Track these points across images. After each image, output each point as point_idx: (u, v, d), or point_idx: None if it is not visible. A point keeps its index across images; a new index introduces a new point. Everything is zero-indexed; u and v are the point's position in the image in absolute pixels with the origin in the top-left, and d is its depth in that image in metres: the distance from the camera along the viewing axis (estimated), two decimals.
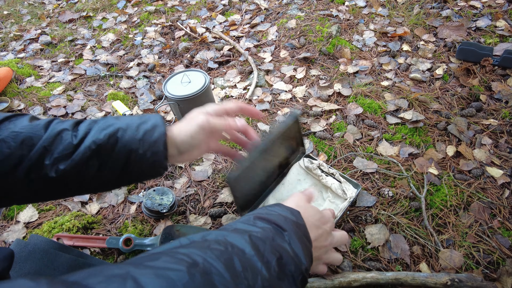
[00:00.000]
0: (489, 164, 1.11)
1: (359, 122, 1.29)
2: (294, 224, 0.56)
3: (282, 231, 0.53)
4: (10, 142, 0.56)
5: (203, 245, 0.43)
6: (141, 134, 0.59)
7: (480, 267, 0.89)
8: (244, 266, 0.41)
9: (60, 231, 1.01)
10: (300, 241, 0.54)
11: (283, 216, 0.57)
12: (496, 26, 1.60)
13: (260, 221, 0.54)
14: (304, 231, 0.57)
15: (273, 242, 0.49)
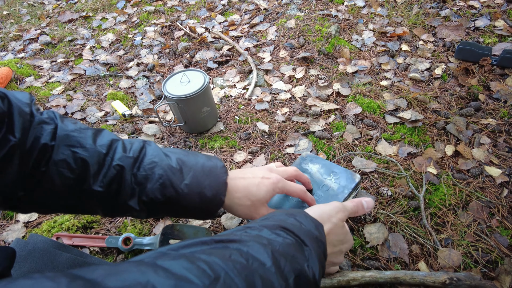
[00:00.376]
0: (487, 163, 1.11)
1: (358, 121, 1.30)
2: (315, 240, 0.54)
3: (304, 246, 0.51)
4: (72, 164, 0.56)
5: (225, 254, 0.41)
6: (198, 202, 0.63)
7: (479, 266, 0.89)
8: (264, 284, 0.39)
9: (59, 230, 1.01)
10: (318, 259, 0.52)
11: (307, 230, 0.54)
12: (495, 26, 1.60)
13: (283, 231, 0.52)
14: (324, 249, 0.56)
15: (293, 259, 0.47)
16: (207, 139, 1.30)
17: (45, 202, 0.59)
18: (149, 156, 0.62)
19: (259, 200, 0.67)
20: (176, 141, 1.31)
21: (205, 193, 0.62)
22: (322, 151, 1.20)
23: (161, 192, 0.60)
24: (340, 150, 1.19)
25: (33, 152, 0.54)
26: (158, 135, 1.35)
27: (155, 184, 0.60)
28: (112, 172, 0.59)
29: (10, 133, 0.52)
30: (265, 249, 0.45)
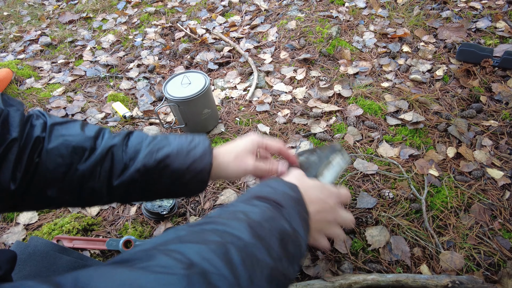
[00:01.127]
0: (489, 165, 1.11)
1: (359, 123, 1.29)
2: (292, 199, 0.55)
3: (281, 208, 0.52)
4: (63, 151, 0.58)
5: (199, 237, 0.42)
6: (189, 163, 0.63)
7: (481, 269, 0.89)
8: (243, 258, 0.40)
9: (60, 233, 1.01)
10: (299, 216, 0.53)
11: (281, 192, 0.56)
12: (496, 27, 1.60)
13: (258, 200, 0.53)
14: (303, 205, 0.57)
15: (273, 222, 0.48)
16: None
17: (43, 195, 0.60)
18: (135, 135, 0.65)
19: (242, 150, 0.70)
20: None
21: (195, 166, 0.64)
22: None
23: (151, 156, 0.62)
24: None
25: (27, 146, 0.56)
26: None
27: (144, 150, 0.62)
28: (102, 151, 0.61)
29: (7, 131, 0.54)
30: (241, 223, 0.45)
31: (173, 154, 0.62)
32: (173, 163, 0.62)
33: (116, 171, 0.61)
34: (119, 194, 0.63)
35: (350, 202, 0.75)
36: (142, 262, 0.36)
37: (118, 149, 0.62)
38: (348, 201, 0.72)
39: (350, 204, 1.05)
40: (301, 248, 0.50)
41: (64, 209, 1.11)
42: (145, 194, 0.65)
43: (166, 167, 0.62)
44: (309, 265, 0.92)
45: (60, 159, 0.58)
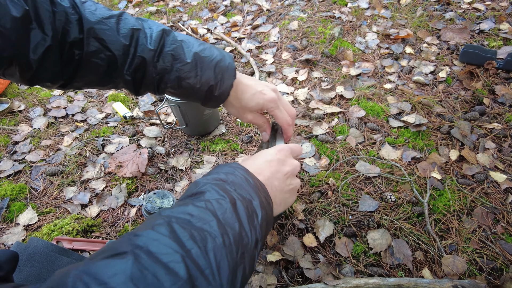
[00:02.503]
0: (492, 168, 1.10)
1: (361, 125, 1.28)
2: (234, 174, 0.56)
3: (227, 185, 0.53)
4: (101, 55, 0.65)
5: (147, 225, 0.43)
6: (208, 95, 0.73)
7: (484, 274, 0.88)
8: (191, 232, 0.41)
9: (59, 234, 1.00)
10: (247, 184, 0.54)
11: (223, 173, 0.56)
12: (500, 29, 1.59)
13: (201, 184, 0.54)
14: (250, 175, 0.57)
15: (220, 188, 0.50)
16: (208, 142, 1.29)
17: (84, 87, 0.72)
18: (167, 48, 0.69)
19: (247, 107, 0.75)
20: (177, 144, 1.30)
21: (213, 90, 0.72)
22: (325, 155, 1.19)
23: (177, 83, 0.71)
24: (343, 154, 1.18)
25: (65, 45, 0.61)
26: (159, 137, 1.34)
27: (172, 75, 0.70)
28: (136, 62, 0.67)
29: (42, 31, 0.58)
30: (185, 205, 0.47)
31: (196, 88, 0.72)
32: (193, 92, 0.73)
33: (147, 80, 0.70)
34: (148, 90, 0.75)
35: (301, 155, 0.76)
36: (100, 254, 0.38)
37: (149, 64, 0.68)
38: (299, 151, 0.73)
39: (352, 207, 1.04)
40: (255, 210, 0.51)
41: (64, 210, 1.11)
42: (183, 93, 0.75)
43: (188, 91, 0.73)
44: (310, 268, 0.91)
45: (100, 61, 0.65)
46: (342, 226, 1.00)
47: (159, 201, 1.04)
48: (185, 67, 0.69)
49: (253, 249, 0.48)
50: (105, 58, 0.65)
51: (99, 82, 0.70)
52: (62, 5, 0.61)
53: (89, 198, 1.13)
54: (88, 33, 0.63)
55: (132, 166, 1.20)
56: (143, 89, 0.73)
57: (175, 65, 0.69)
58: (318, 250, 0.95)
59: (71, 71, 0.65)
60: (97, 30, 0.63)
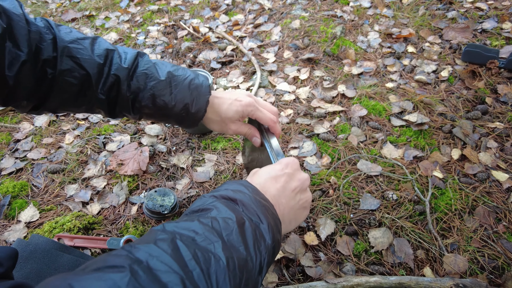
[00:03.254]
0: (494, 167, 1.09)
1: (363, 124, 1.28)
2: (245, 192, 0.54)
3: (235, 204, 0.51)
4: (75, 74, 0.65)
5: (149, 238, 0.41)
6: (185, 114, 0.74)
7: (485, 272, 0.88)
8: (194, 252, 0.39)
9: (61, 231, 1.01)
10: (256, 205, 0.52)
11: (231, 190, 0.55)
12: (502, 28, 1.58)
13: (214, 199, 0.53)
14: (258, 193, 0.56)
15: (228, 220, 0.47)
16: (210, 140, 1.29)
17: (58, 109, 0.71)
18: (141, 67, 0.70)
19: (227, 118, 0.76)
20: (178, 142, 1.30)
21: (189, 108, 0.72)
22: (327, 153, 1.19)
23: (152, 101, 0.70)
24: (344, 153, 1.18)
25: (38, 63, 0.61)
26: (160, 135, 1.34)
27: (147, 93, 0.70)
28: (110, 81, 0.67)
29: (17, 48, 0.58)
30: (191, 220, 0.46)
31: (171, 105, 0.72)
32: (168, 111, 0.72)
33: (121, 100, 0.70)
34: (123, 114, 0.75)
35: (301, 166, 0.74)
36: (92, 265, 0.35)
37: (123, 83, 0.68)
38: (295, 163, 0.67)
39: (353, 205, 1.04)
40: (262, 234, 0.49)
41: (65, 208, 1.11)
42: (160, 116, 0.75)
43: (163, 110, 0.73)
44: (311, 266, 0.91)
45: (73, 80, 0.64)
46: (343, 224, 1.00)
47: (160, 199, 1.04)
48: (159, 85, 0.70)
49: (257, 275, 0.45)
50: (79, 77, 0.65)
51: (73, 102, 0.69)
52: (36, 24, 0.62)
53: (90, 196, 1.14)
54: (62, 52, 0.63)
55: (133, 164, 1.20)
56: (118, 109, 0.72)
57: (149, 83, 0.70)
58: (319, 248, 0.95)
59: (44, 89, 0.64)
60: (72, 49, 0.64)
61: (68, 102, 0.69)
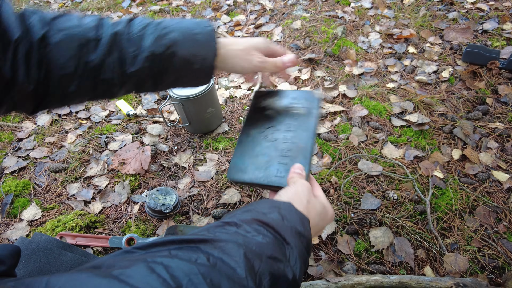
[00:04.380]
0: (495, 168, 1.10)
1: (364, 124, 1.29)
2: (298, 236, 0.50)
3: (285, 245, 0.47)
4: (69, 44, 0.57)
5: (191, 257, 0.38)
6: (196, 50, 0.63)
7: (485, 272, 0.88)
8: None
9: (63, 229, 1.01)
10: (300, 256, 0.48)
11: (290, 226, 0.50)
12: (503, 29, 1.59)
13: (264, 228, 0.48)
14: (307, 244, 0.51)
15: (270, 260, 0.44)
16: (211, 139, 1.30)
17: (63, 92, 0.62)
18: (138, 20, 0.63)
19: (250, 45, 0.68)
20: (180, 142, 1.31)
21: (197, 39, 0.63)
22: (328, 153, 1.19)
23: (158, 43, 0.61)
24: (345, 153, 1.18)
25: (33, 45, 0.56)
26: (162, 135, 1.34)
27: (150, 37, 0.61)
28: (107, 40, 0.60)
29: (8, 32, 0.54)
30: (238, 250, 0.42)
31: (180, 40, 0.62)
32: (181, 50, 0.62)
33: (126, 60, 0.61)
34: (132, 83, 0.64)
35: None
36: (118, 268, 0.34)
37: (123, 37, 0.61)
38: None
39: (354, 205, 1.04)
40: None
41: (67, 206, 1.12)
42: (157, 82, 0.65)
43: (174, 54, 0.62)
44: (312, 265, 0.91)
45: (68, 52, 0.57)
46: (344, 223, 1.00)
47: (162, 198, 1.05)
48: (159, 26, 0.63)
49: None
50: (73, 47, 0.59)
51: (74, 80, 0.61)
52: (32, 22, 0.59)
53: (92, 195, 1.14)
54: (50, 25, 0.58)
55: (135, 163, 1.20)
56: (127, 76, 0.64)
57: (149, 29, 0.62)
58: (320, 248, 0.96)
59: (42, 75, 0.58)
60: (59, 21, 0.60)
61: (70, 81, 0.61)
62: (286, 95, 0.80)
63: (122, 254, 0.39)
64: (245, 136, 0.73)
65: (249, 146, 0.72)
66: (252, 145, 0.72)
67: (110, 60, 0.60)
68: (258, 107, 0.79)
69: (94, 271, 0.33)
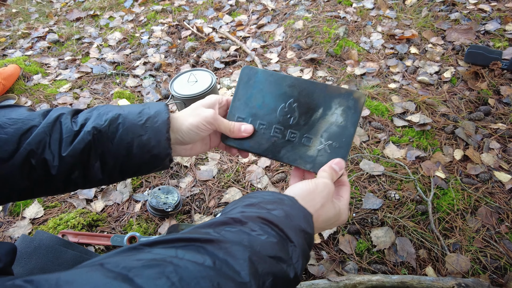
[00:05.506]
0: (497, 168, 1.10)
1: (366, 124, 1.29)
2: (301, 234, 0.49)
3: (288, 243, 0.47)
4: (8, 127, 0.53)
5: (198, 259, 0.39)
6: (143, 120, 0.58)
7: (487, 272, 0.88)
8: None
9: (65, 227, 1.01)
10: (303, 253, 0.48)
11: (294, 224, 0.49)
12: (506, 30, 1.59)
13: (268, 227, 0.47)
14: (310, 240, 0.51)
15: (274, 261, 0.44)
16: None
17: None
18: (84, 111, 0.60)
19: (199, 104, 0.64)
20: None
21: (151, 123, 0.59)
22: None
23: (101, 118, 0.57)
24: None
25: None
26: None
27: (94, 115, 0.58)
28: (51, 120, 0.56)
29: None
30: (243, 253, 0.42)
31: (124, 114, 0.58)
32: (125, 122, 0.57)
33: (67, 138, 0.56)
34: (76, 169, 0.57)
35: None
36: (131, 269, 0.34)
37: (66, 117, 0.57)
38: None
39: (356, 204, 1.04)
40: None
41: (69, 205, 1.12)
42: (106, 168, 0.59)
43: (119, 126, 0.57)
44: (313, 264, 0.91)
45: (5, 136, 0.53)
46: (346, 223, 1.00)
47: (164, 196, 1.05)
48: (116, 111, 0.59)
49: None
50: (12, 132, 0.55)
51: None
52: None
53: (94, 193, 1.14)
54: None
55: None
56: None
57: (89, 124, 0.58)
58: (321, 247, 0.96)
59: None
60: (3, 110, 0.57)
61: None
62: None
63: (129, 250, 0.39)
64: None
65: None
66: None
67: (48, 139, 0.55)
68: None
69: (102, 270, 0.33)
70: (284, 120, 0.62)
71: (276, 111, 0.63)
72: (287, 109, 0.62)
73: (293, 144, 0.62)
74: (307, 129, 0.61)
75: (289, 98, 0.62)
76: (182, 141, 0.62)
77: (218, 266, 0.39)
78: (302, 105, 0.62)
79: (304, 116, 0.61)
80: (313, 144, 0.61)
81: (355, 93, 0.59)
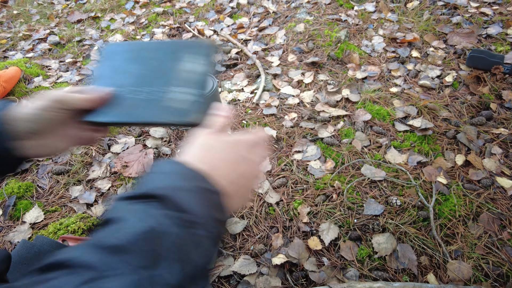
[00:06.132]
0: (499, 174, 1.09)
1: (367, 128, 1.28)
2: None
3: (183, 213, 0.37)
4: None
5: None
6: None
7: (489, 280, 0.87)
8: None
9: (65, 232, 1.01)
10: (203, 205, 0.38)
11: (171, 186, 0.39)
12: (507, 34, 1.58)
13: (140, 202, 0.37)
14: (208, 191, 0.41)
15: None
16: None
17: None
18: None
19: (48, 124, 0.53)
20: (183, 144, 1.30)
21: None
22: (331, 157, 1.19)
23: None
24: (348, 157, 1.18)
25: None
26: (165, 138, 1.34)
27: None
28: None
29: None
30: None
31: None
32: None
33: None
34: None
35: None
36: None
37: None
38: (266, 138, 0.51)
39: (357, 210, 1.04)
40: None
41: (69, 209, 1.12)
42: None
43: None
44: (314, 271, 0.91)
45: None
46: (347, 229, 1.00)
47: None
48: None
49: None
50: None
51: None
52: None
53: (94, 198, 1.14)
54: None
55: (137, 166, 1.20)
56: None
57: None
58: (322, 253, 0.95)
59: None
60: None
61: None
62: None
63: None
64: None
65: None
66: None
67: None
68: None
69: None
70: (141, 81, 0.63)
71: (133, 76, 0.63)
72: (143, 71, 0.64)
73: (155, 101, 0.60)
74: (164, 82, 0.62)
75: (143, 60, 0.65)
76: (30, 131, 0.52)
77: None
78: (155, 63, 0.64)
79: (159, 72, 0.63)
80: (173, 95, 0.60)
81: (202, 41, 0.65)
